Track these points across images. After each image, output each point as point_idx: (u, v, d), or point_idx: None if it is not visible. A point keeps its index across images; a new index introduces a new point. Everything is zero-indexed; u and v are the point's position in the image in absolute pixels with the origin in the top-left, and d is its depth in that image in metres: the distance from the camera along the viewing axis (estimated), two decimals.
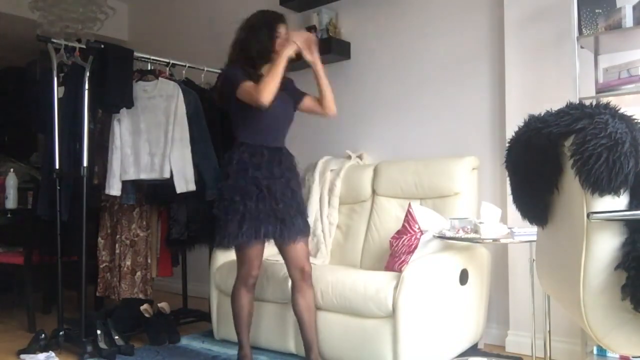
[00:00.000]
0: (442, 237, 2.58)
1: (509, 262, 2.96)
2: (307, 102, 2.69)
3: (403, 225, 2.79)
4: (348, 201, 3.40)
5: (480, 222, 2.47)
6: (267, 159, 2.49)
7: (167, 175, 3.11)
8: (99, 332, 2.95)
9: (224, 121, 3.21)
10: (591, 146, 1.29)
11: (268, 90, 2.35)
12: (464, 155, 3.06)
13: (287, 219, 2.46)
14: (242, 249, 2.51)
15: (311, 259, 3.12)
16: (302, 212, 2.59)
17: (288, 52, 2.43)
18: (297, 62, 2.53)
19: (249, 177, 2.44)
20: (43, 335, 2.96)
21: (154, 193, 3.36)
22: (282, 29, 2.54)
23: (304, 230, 2.56)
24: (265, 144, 2.52)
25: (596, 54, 2.67)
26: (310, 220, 3.36)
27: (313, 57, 2.53)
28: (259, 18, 2.57)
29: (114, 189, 3.12)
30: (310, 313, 2.55)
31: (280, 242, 2.53)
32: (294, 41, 2.45)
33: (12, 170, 3.74)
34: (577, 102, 1.92)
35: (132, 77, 3.19)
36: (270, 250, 2.67)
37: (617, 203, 1.30)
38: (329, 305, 2.66)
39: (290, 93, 2.65)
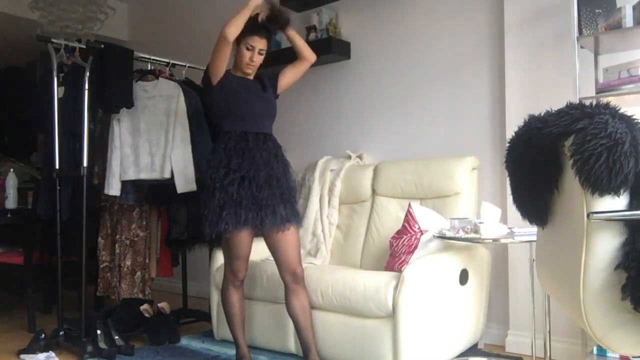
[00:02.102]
0: (442, 237, 2.58)
1: (509, 262, 2.95)
2: (286, 72, 2.71)
3: (403, 225, 2.79)
4: (348, 201, 3.40)
5: (480, 222, 2.47)
6: (252, 145, 2.48)
7: (167, 175, 3.11)
8: (99, 332, 2.95)
9: None
10: (591, 146, 1.29)
11: (230, 23, 2.41)
12: (464, 155, 3.05)
13: (269, 207, 2.42)
14: (225, 239, 2.47)
15: (311, 259, 3.15)
16: (288, 200, 2.51)
17: (255, 2, 2.47)
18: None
19: (231, 164, 2.43)
20: (43, 335, 2.96)
21: (153, 193, 3.36)
22: None
23: (290, 219, 2.49)
24: (250, 130, 2.51)
25: (596, 54, 2.67)
26: (310, 220, 3.36)
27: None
28: None
29: (114, 189, 3.12)
30: (305, 314, 2.53)
31: (264, 232, 2.48)
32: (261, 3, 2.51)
33: (12, 170, 3.73)
34: (577, 102, 1.93)
35: (132, 77, 3.20)
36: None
37: (617, 203, 1.30)
38: (329, 305, 2.66)
39: (268, 82, 2.66)
